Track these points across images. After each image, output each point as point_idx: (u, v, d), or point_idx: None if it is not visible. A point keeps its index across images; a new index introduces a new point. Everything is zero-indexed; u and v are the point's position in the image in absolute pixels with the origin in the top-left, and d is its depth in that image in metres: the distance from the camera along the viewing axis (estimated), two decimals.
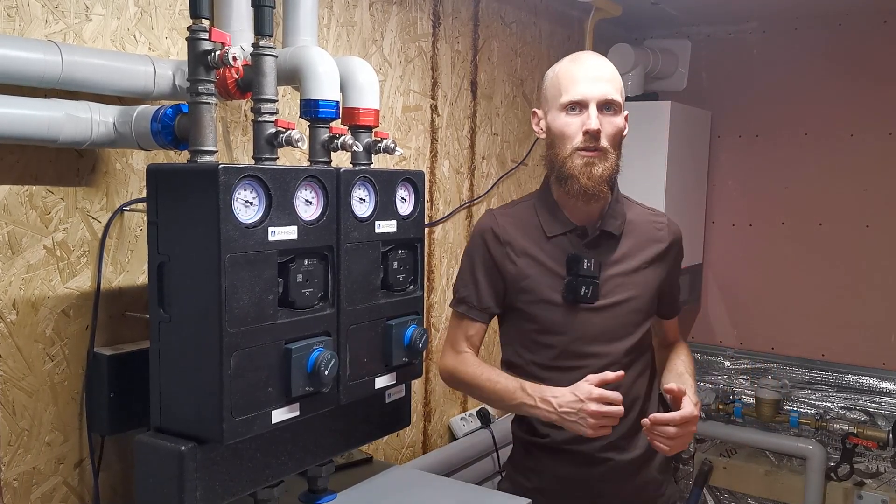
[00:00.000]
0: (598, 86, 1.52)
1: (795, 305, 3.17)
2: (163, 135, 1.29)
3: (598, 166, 1.52)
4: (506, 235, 1.63)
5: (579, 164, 1.52)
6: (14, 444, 1.34)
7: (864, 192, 3.02)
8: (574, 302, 1.56)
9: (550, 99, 1.58)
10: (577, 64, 1.57)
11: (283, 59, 1.36)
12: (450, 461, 2.35)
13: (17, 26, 1.30)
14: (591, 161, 1.52)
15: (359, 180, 1.33)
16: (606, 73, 1.55)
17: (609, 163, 1.53)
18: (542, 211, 1.63)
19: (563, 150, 1.54)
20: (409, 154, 2.24)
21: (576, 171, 1.52)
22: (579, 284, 1.55)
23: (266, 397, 1.19)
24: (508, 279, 1.62)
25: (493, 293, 1.64)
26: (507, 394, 1.54)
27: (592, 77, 1.53)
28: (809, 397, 3.18)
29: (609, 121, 1.53)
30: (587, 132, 1.50)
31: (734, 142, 3.30)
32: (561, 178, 1.56)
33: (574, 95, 1.52)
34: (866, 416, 3.05)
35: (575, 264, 1.56)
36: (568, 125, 1.53)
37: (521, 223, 1.64)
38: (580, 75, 1.53)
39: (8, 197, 1.31)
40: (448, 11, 2.35)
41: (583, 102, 1.52)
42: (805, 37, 3.10)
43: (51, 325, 1.38)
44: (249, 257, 1.14)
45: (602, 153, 1.52)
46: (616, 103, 1.53)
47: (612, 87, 1.53)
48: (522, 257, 1.61)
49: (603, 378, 1.45)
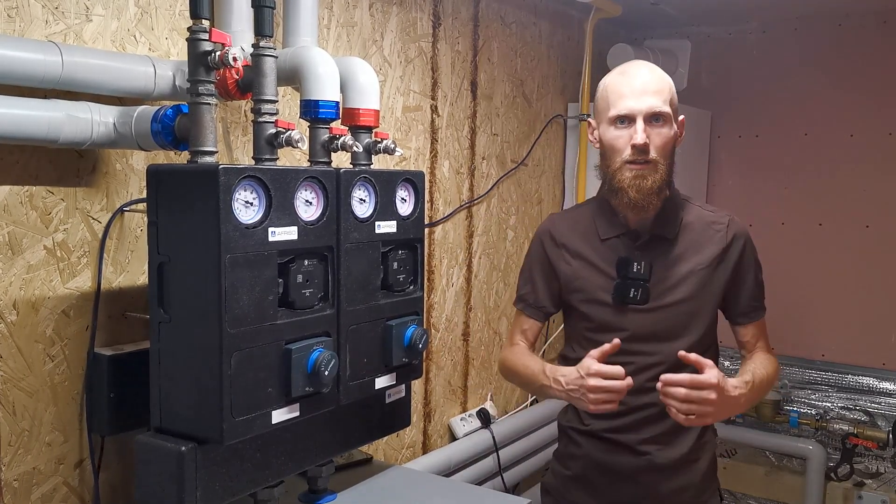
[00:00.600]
0: (645, 99, 1.53)
1: (795, 305, 3.17)
2: (163, 135, 1.29)
3: (648, 179, 1.53)
4: (562, 238, 1.68)
5: (629, 177, 1.54)
6: (14, 445, 1.34)
7: (863, 193, 3.02)
8: (623, 303, 1.59)
9: (601, 112, 1.60)
10: (624, 77, 1.58)
11: (284, 60, 1.36)
12: (450, 461, 2.35)
13: (18, 27, 1.30)
14: (640, 174, 1.53)
15: (359, 181, 1.33)
16: (653, 86, 1.55)
17: (659, 174, 1.54)
18: (598, 215, 1.67)
19: (613, 162, 1.57)
20: (409, 154, 2.24)
21: (625, 184, 1.54)
22: (628, 287, 1.58)
23: (266, 398, 1.19)
24: (563, 279, 1.67)
25: (548, 293, 1.70)
26: (533, 377, 1.60)
27: (639, 90, 1.54)
28: (809, 397, 3.18)
29: (657, 132, 1.54)
30: (634, 146, 1.52)
31: (734, 142, 3.30)
32: (612, 190, 1.58)
33: (621, 110, 1.54)
34: (866, 417, 3.05)
35: (624, 267, 1.59)
36: (617, 139, 1.55)
37: (578, 226, 1.69)
38: (627, 89, 1.55)
39: (8, 197, 1.31)
40: (448, 12, 2.35)
41: (630, 116, 1.53)
42: (805, 37, 3.10)
43: (51, 325, 1.38)
44: (249, 258, 1.14)
45: (651, 165, 1.54)
46: (664, 114, 1.54)
47: (660, 98, 1.54)
48: (576, 258, 1.65)
49: (602, 350, 1.46)
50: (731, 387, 1.45)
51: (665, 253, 1.61)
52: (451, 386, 2.51)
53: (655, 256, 1.60)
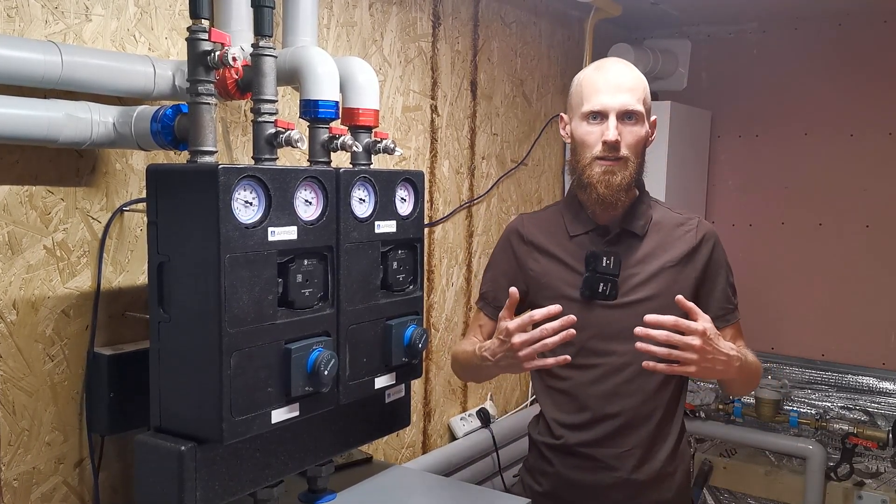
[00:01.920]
0: (619, 96, 1.52)
1: (795, 305, 3.17)
2: (163, 135, 1.29)
3: (618, 175, 1.53)
4: (530, 236, 1.67)
5: (598, 173, 1.54)
6: (14, 444, 1.34)
7: (863, 192, 3.02)
8: (591, 298, 1.56)
9: (574, 106, 1.59)
10: (599, 72, 1.57)
11: (283, 60, 1.36)
12: (449, 461, 2.35)
13: (17, 27, 1.30)
14: (609, 169, 1.53)
15: (358, 180, 1.33)
16: (628, 83, 1.54)
17: (628, 171, 1.54)
18: (566, 213, 1.66)
19: (583, 157, 1.56)
20: (409, 154, 2.24)
21: (594, 180, 1.54)
22: (597, 281, 1.56)
23: (266, 397, 1.19)
24: (531, 278, 1.65)
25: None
26: (470, 360, 1.59)
27: (614, 87, 1.53)
28: (809, 397, 3.18)
29: (629, 130, 1.53)
30: (605, 143, 1.52)
31: (734, 142, 3.30)
32: (581, 185, 1.58)
33: (594, 105, 1.53)
34: (866, 416, 3.05)
35: (594, 261, 1.57)
36: (588, 134, 1.55)
37: (546, 225, 1.68)
38: (602, 85, 1.54)
39: (8, 197, 1.31)
40: (448, 11, 2.35)
41: (603, 113, 1.53)
42: (805, 37, 3.10)
43: (51, 325, 1.38)
44: (249, 257, 1.14)
45: (622, 162, 1.53)
46: (637, 113, 1.54)
47: (633, 96, 1.53)
48: (545, 256, 1.64)
49: (508, 307, 1.43)
50: (721, 342, 1.38)
51: (634, 250, 1.59)
52: (451, 386, 2.51)
53: (623, 252, 1.58)
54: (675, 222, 1.64)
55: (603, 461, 1.59)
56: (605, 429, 1.58)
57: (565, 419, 1.62)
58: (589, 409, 1.59)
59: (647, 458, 1.59)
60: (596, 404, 1.58)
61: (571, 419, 1.61)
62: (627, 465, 1.58)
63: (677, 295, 1.44)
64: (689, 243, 1.62)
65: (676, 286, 1.57)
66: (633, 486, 1.59)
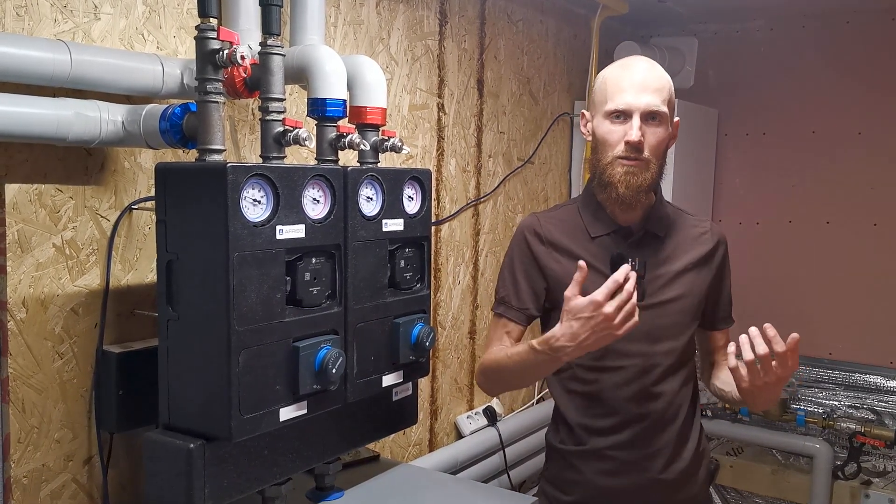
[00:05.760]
0: (644, 96, 1.48)
1: (802, 303, 3.16)
2: (171, 133, 1.30)
3: (639, 176, 1.50)
4: (549, 236, 1.61)
5: (619, 173, 1.50)
6: (24, 442, 1.35)
7: (871, 191, 3.01)
8: None
9: (597, 104, 1.55)
10: (625, 71, 1.53)
11: (291, 58, 1.36)
12: (456, 459, 2.35)
13: (27, 25, 1.31)
14: (631, 170, 1.50)
15: (366, 179, 1.33)
16: (654, 83, 1.51)
17: (650, 172, 1.51)
18: (585, 212, 1.61)
19: (605, 156, 1.53)
20: (416, 152, 2.24)
21: (615, 179, 1.50)
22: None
23: (274, 395, 1.19)
24: (553, 279, 1.59)
25: (532, 294, 1.60)
26: (524, 358, 1.46)
27: (639, 86, 1.49)
28: (816, 396, 3.17)
29: (653, 131, 1.50)
30: (628, 143, 1.48)
31: (741, 140, 3.29)
32: (601, 185, 1.55)
33: (618, 104, 1.49)
34: (873, 415, 3.05)
35: (619, 263, 1.53)
36: (611, 133, 1.51)
37: (564, 225, 1.62)
38: (627, 84, 1.50)
39: (17, 195, 1.31)
40: (454, 10, 2.35)
41: (627, 112, 1.49)
42: (813, 34, 3.09)
43: (60, 322, 1.39)
44: (257, 255, 1.14)
45: (643, 163, 1.50)
46: (661, 114, 1.50)
47: (659, 97, 1.50)
48: (566, 257, 1.58)
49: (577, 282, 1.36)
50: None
51: (656, 251, 1.58)
52: (458, 384, 2.51)
53: (647, 254, 1.56)
54: (691, 224, 1.65)
55: (633, 463, 1.57)
56: (635, 430, 1.56)
57: (592, 423, 1.59)
58: (618, 411, 1.56)
59: (675, 457, 1.59)
60: (625, 406, 1.56)
61: (599, 423, 1.58)
62: (657, 466, 1.57)
63: (698, 297, 1.52)
64: (707, 246, 1.62)
65: (696, 288, 1.59)
66: (662, 486, 1.58)
